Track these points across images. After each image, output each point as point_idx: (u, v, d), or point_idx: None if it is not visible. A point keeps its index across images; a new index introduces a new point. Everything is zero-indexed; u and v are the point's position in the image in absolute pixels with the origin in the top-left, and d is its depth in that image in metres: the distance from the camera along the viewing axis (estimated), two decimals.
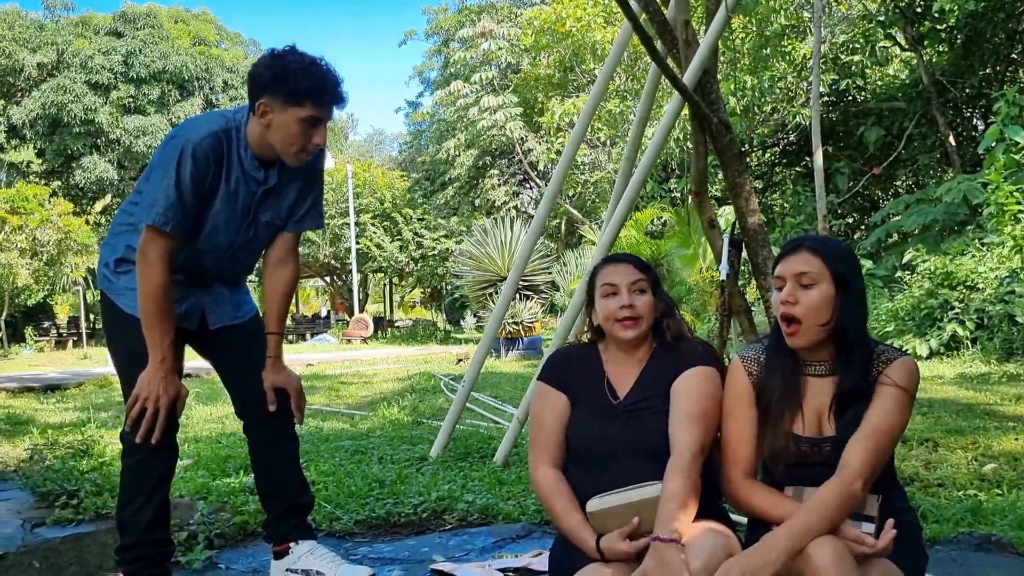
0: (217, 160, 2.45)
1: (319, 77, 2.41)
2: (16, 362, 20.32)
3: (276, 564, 2.74)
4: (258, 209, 2.60)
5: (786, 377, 2.06)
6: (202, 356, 2.77)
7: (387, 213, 29.53)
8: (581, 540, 2.07)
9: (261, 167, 2.55)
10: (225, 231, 2.58)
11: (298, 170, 2.60)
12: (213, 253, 2.61)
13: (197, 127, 2.47)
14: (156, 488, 2.60)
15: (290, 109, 2.40)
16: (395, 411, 6.98)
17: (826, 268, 2.00)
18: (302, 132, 2.43)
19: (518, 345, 15.65)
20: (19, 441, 5.39)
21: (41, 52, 31.29)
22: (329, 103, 2.45)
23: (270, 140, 2.47)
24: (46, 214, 22.32)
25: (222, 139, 2.46)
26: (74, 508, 3.43)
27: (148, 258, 2.42)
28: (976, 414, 5.65)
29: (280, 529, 2.74)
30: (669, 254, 13.79)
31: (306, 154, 2.50)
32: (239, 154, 2.50)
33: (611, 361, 2.30)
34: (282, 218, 2.68)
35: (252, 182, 2.55)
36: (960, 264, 10.31)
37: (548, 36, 21.95)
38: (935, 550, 2.84)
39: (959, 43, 15.42)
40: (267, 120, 2.44)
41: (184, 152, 2.40)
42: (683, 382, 2.17)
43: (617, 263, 2.30)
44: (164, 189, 2.40)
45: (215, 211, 2.53)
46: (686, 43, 3.90)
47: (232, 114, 2.53)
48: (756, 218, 3.89)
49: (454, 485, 4.00)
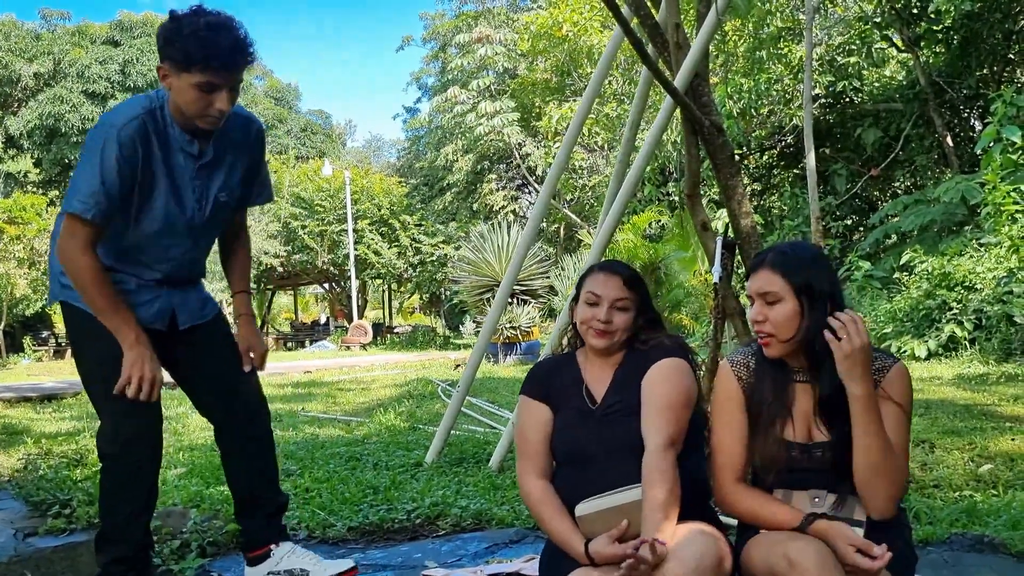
0: (145, 143, 2.38)
1: (211, 42, 2.29)
2: (14, 372, 20.28)
3: (254, 570, 2.70)
4: (207, 185, 2.54)
5: (776, 383, 2.05)
6: (165, 364, 2.63)
7: (385, 219, 29.51)
8: (570, 546, 2.06)
9: (194, 141, 2.48)
10: (180, 214, 2.52)
11: (236, 143, 2.57)
12: (175, 240, 2.55)
13: (120, 112, 2.41)
14: (150, 488, 2.58)
15: (183, 74, 2.32)
16: (392, 417, 6.97)
17: (787, 284, 1.99)
18: (200, 97, 2.34)
19: (516, 350, 15.64)
20: (14, 451, 5.37)
21: (38, 62, 31.35)
22: (221, 69, 2.32)
23: (178, 105, 2.40)
24: (44, 224, 22.32)
25: (146, 121, 2.39)
26: (67, 518, 3.41)
27: (70, 251, 2.35)
28: (974, 415, 5.64)
29: (267, 532, 2.71)
30: (667, 257, 13.78)
31: (210, 119, 2.40)
32: (168, 132, 2.44)
33: (588, 367, 2.31)
34: (235, 196, 2.63)
35: (188, 157, 2.49)
36: (958, 265, 10.31)
37: (545, 41, 21.99)
38: (928, 551, 2.83)
39: (956, 44, 15.43)
40: (167, 84, 2.38)
41: (108, 139, 2.33)
42: (650, 376, 2.17)
43: (609, 274, 2.27)
44: (87, 177, 2.33)
45: (160, 194, 2.46)
46: (677, 46, 3.90)
47: (156, 94, 2.47)
48: (749, 220, 3.88)
49: (448, 491, 3.99)
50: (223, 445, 2.75)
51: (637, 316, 2.26)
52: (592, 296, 2.24)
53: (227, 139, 2.55)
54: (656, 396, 2.13)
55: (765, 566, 1.85)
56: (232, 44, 2.34)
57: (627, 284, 2.26)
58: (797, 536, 1.86)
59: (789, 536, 1.86)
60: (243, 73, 2.44)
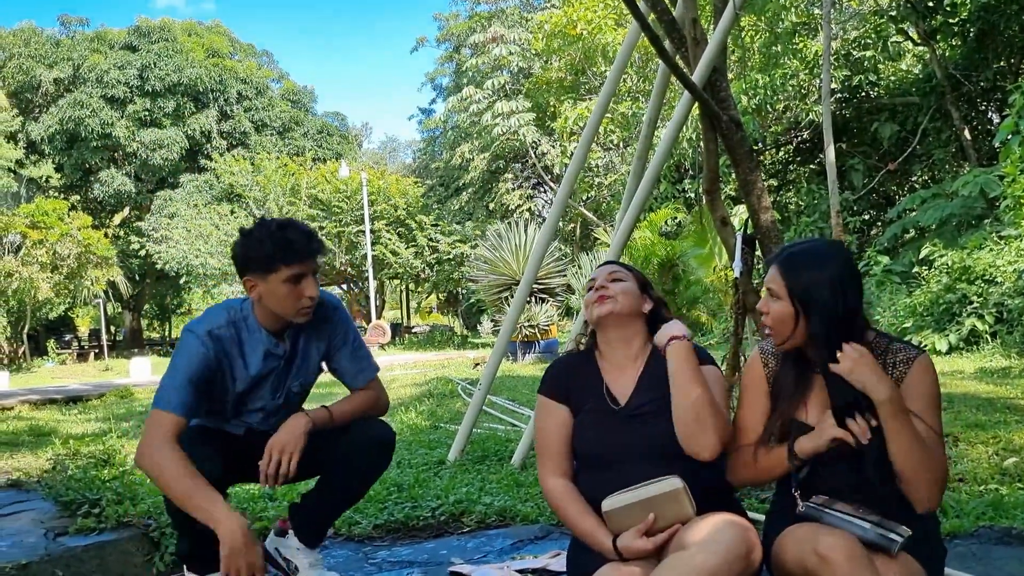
0: (223, 354, 2.52)
1: (286, 237, 2.46)
2: (39, 375, 20.52)
3: (272, 538, 2.79)
4: (283, 379, 2.65)
5: (797, 371, 2.10)
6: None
7: (402, 220, 29.61)
8: (598, 542, 2.07)
9: (279, 343, 2.61)
10: (259, 408, 2.65)
11: (311, 329, 2.65)
12: (251, 421, 2.67)
13: (202, 321, 2.55)
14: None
15: (270, 276, 2.47)
16: (413, 416, 7.00)
17: (784, 287, 2.05)
18: (290, 292, 2.48)
19: (534, 348, 15.65)
20: (42, 452, 5.43)
21: (57, 68, 31.67)
22: (300, 258, 2.48)
23: (271, 310, 2.53)
24: (66, 228, 22.57)
25: (222, 332, 2.53)
26: (96, 517, 3.44)
27: (153, 443, 2.37)
28: (997, 408, 5.61)
29: (311, 518, 2.74)
30: (684, 254, 13.74)
31: (306, 310, 2.53)
32: (252, 339, 2.57)
33: (608, 367, 2.31)
34: (309, 384, 2.74)
35: (273, 358, 2.61)
36: (978, 258, 10.24)
37: (559, 39, 21.96)
38: (955, 544, 2.82)
39: (972, 36, 15.32)
40: (256, 294, 2.51)
41: (190, 344, 2.48)
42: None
43: (602, 267, 2.42)
44: (171, 375, 2.46)
45: (236, 393, 2.58)
46: (695, 41, 3.90)
47: (238, 303, 2.61)
48: (769, 215, 3.88)
49: (472, 488, 4.01)
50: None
51: (638, 292, 2.31)
52: (590, 282, 2.38)
53: (304, 328, 2.65)
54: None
55: (796, 560, 1.85)
56: (305, 233, 2.52)
57: (619, 266, 2.41)
58: (828, 531, 1.85)
59: (819, 530, 1.86)
60: (319, 261, 2.57)
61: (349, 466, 2.65)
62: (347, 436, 2.63)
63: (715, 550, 1.85)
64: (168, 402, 2.41)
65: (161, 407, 2.42)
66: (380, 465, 2.75)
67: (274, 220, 2.54)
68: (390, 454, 2.75)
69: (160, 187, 32.42)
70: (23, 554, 3.04)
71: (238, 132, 33.77)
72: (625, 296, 2.27)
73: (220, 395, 2.57)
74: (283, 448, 2.47)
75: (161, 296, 39.59)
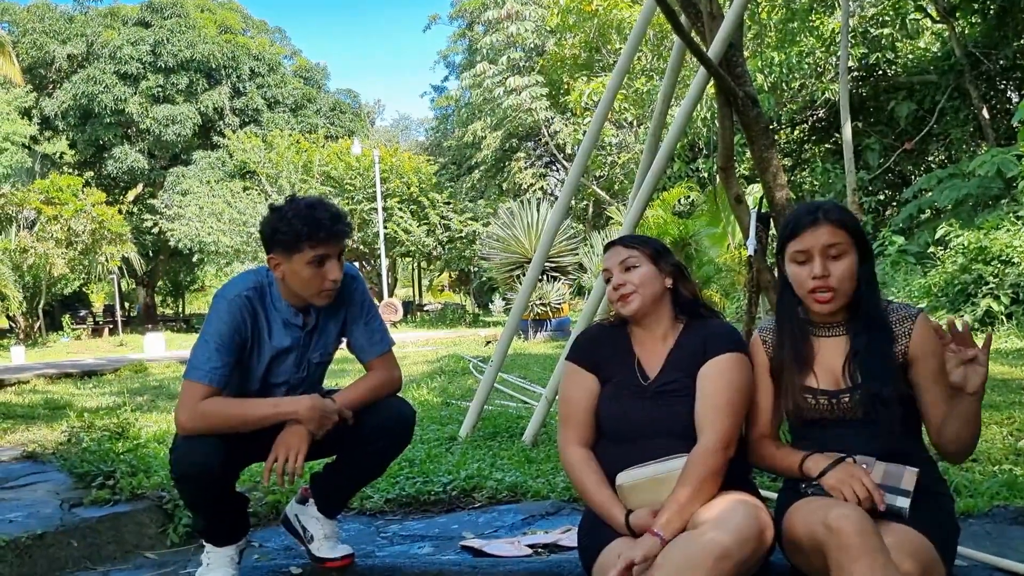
0: (252, 317, 2.53)
1: (314, 217, 2.45)
2: (54, 349, 20.69)
3: (293, 504, 2.84)
4: (305, 352, 2.65)
5: (795, 340, 2.14)
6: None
7: (414, 197, 29.56)
8: (611, 515, 2.08)
9: (299, 313, 2.61)
10: (283, 382, 2.65)
11: (331, 305, 2.64)
12: (274, 393, 2.66)
13: (230, 287, 2.57)
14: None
15: (294, 256, 2.46)
16: (424, 392, 7.02)
17: (849, 236, 2.07)
18: (314, 273, 2.48)
19: (546, 326, 15.66)
20: (57, 425, 5.48)
21: (71, 44, 31.67)
22: (327, 239, 2.47)
23: (293, 289, 2.53)
24: (80, 204, 22.65)
25: (251, 296, 2.54)
26: (110, 488, 3.48)
27: (188, 407, 2.42)
28: (1012, 389, 5.58)
29: (330, 490, 2.76)
30: (697, 233, 13.69)
31: (327, 293, 2.54)
32: (275, 307, 2.58)
33: (640, 341, 2.30)
34: (329, 355, 2.74)
35: (294, 328, 2.61)
36: (994, 239, 10.15)
37: (574, 16, 21.80)
38: (969, 523, 2.81)
39: (992, 13, 15.10)
40: (280, 272, 2.52)
41: (219, 309, 2.50)
42: (710, 369, 2.16)
43: (609, 248, 2.35)
44: (201, 344, 2.48)
45: (262, 362, 2.59)
46: (711, 16, 3.85)
47: (264, 269, 2.61)
48: (784, 193, 3.84)
49: (483, 464, 4.02)
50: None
51: (655, 270, 2.27)
52: (606, 273, 2.33)
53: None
54: (715, 392, 2.12)
55: (806, 533, 1.85)
56: (333, 214, 2.50)
57: (627, 245, 2.32)
58: (837, 503, 1.86)
59: (829, 503, 1.87)
60: (345, 242, 2.56)
61: (369, 445, 2.64)
62: (367, 415, 2.61)
63: (727, 529, 1.86)
64: (200, 371, 2.44)
65: (193, 377, 2.44)
66: (400, 443, 2.75)
67: (304, 198, 2.52)
68: (410, 432, 2.75)
69: (173, 164, 32.49)
70: (39, 524, 3.08)
71: (251, 109, 33.72)
72: (644, 286, 2.25)
73: (246, 371, 2.58)
74: (288, 447, 2.46)
75: (175, 273, 39.78)
